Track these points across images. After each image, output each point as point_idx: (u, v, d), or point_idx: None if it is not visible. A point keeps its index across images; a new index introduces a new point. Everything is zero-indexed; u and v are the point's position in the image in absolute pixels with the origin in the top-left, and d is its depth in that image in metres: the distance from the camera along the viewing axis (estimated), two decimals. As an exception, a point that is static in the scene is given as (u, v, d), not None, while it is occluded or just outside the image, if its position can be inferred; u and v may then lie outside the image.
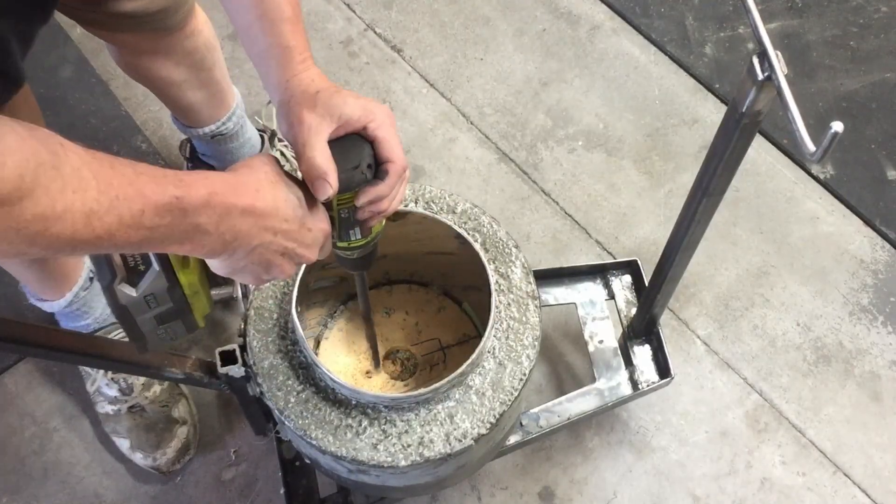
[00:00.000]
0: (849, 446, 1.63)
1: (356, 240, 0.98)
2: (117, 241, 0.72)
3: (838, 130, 0.75)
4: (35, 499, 1.57)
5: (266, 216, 0.83)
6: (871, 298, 1.78)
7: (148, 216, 0.73)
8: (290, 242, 0.87)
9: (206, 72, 1.51)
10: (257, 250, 0.85)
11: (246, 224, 0.82)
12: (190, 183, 0.77)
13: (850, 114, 1.98)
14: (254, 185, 0.83)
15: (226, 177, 0.82)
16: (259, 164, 0.86)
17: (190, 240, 0.79)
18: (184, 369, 1.19)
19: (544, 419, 1.44)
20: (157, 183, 0.74)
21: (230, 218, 0.80)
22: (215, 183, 0.80)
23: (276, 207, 0.84)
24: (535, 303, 1.25)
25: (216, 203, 0.78)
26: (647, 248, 1.81)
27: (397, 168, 0.92)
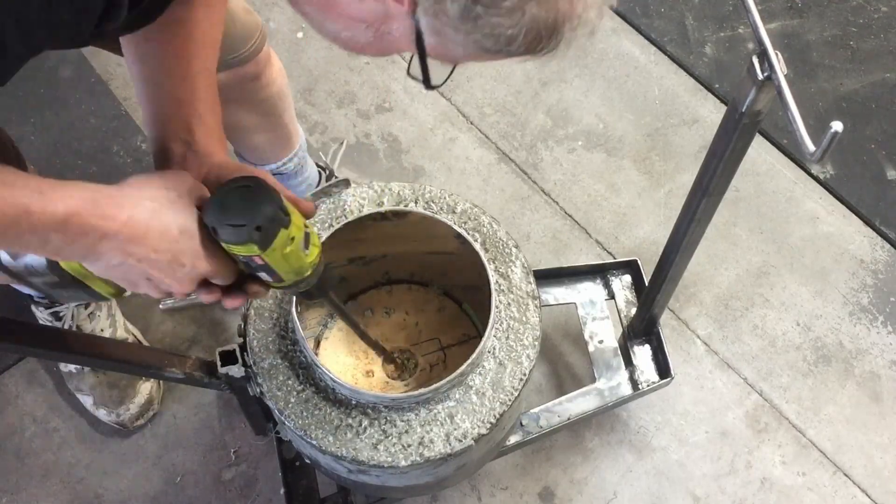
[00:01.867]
0: (849, 446, 1.63)
1: (274, 282, 0.91)
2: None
3: (838, 130, 0.75)
4: (35, 499, 1.57)
5: (131, 242, 0.79)
6: (871, 298, 1.78)
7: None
8: (156, 272, 0.82)
9: (276, 117, 1.50)
10: (117, 269, 0.81)
11: (105, 247, 0.78)
12: (50, 197, 0.73)
13: (850, 114, 1.98)
14: (130, 208, 0.78)
15: (97, 195, 0.77)
16: (154, 183, 0.82)
17: (42, 250, 0.77)
18: (184, 369, 1.19)
19: (544, 419, 1.44)
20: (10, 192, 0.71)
21: (85, 238, 0.76)
22: (80, 201, 0.75)
23: (145, 236, 0.79)
24: (535, 303, 1.25)
25: (73, 224, 0.75)
26: (647, 248, 1.81)
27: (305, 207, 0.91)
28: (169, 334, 1.71)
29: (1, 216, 0.71)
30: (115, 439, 1.62)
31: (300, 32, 2.07)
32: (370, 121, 1.96)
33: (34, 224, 0.73)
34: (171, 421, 1.64)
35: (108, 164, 1.88)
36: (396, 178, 1.90)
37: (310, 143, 1.88)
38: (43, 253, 0.79)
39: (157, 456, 1.61)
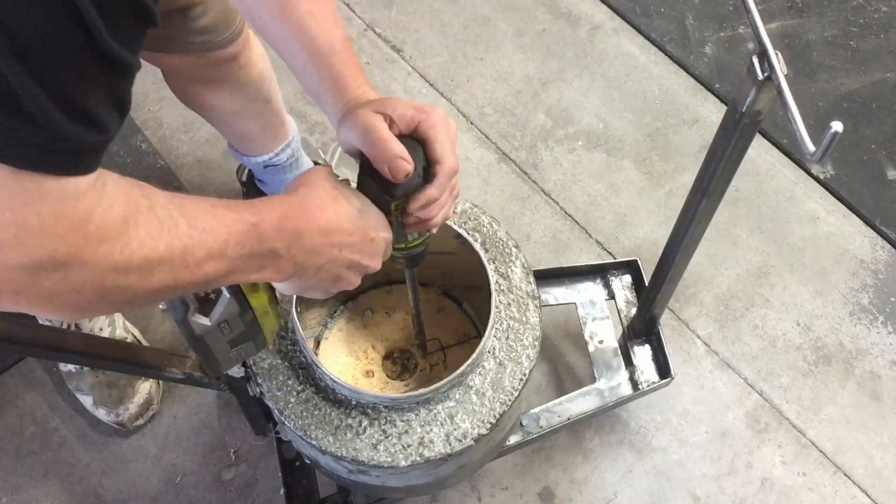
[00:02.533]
0: (849, 446, 1.63)
1: (412, 240, 0.98)
2: (207, 276, 0.73)
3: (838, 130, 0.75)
4: (35, 499, 1.57)
5: (331, 232, 0.85)
6: (872, 298, 1.78)
7: (231, 245, 0.74)
8: (356, 255, 0.88)
9: (261, 103, 1.51)
10: (325, 267, 0.86)
11: (314, 243, 0.83)
12: (261, 208, 0.79)
13: (850, 114, 1.98)
14: (316, 203, 0.84)
15: (290, 199, 0.84)
16: (316, 180, 0.87)
17: (266, 266, 0.80)
18: (184, 369, 1.19)
19: (544, 419, 1.44)
20: (233, 211, 0.76)
21: (300, 239, 0.82)
22: (283, 206, 0.81)
23: (339, 223, 0.85)
24: (535, 303, 1.25)
25: (287, 226, 0.80)
26: (647, 248, 1.81)
27: (445, 170, 0.90)
28: (169, 334, 1.71)
29: (237, 235, 0.75)
30: (114, 439, 1.62)
31: (300, 32, 2.07)
32: (370, 121, 1.96)
33: (262, 235, 0.77)
34: (170, 421, 1.64)
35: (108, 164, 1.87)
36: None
37: (310, 143, 1.88)
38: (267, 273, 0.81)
39: (157, 456, 1.61)
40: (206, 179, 1.88)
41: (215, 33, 1.33)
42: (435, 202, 0.92)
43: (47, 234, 0.59)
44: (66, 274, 0.61)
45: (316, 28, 0.94)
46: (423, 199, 0.91)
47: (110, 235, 0.63)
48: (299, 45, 0.95)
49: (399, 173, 0.87)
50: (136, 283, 0.67)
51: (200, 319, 0.90)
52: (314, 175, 0.88)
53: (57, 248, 0.60)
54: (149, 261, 0.66)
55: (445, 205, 0.94)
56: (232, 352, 0.96)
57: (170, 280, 0.70)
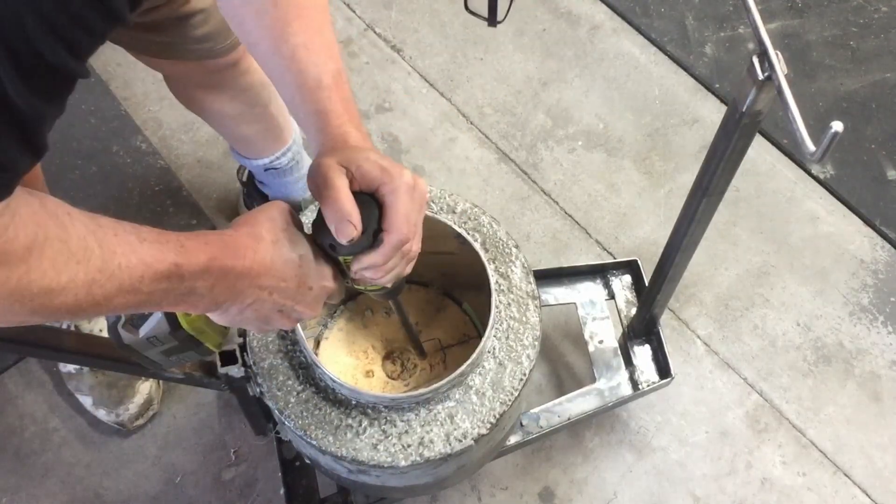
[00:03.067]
0: (849, 446, 1.63)
1: (374, 286, 0.97)
2: (114, 306, 0.73)
3: (838, 130, 0.75)
4: (35, 499, 1.57)
5: (261, 276, 0.83)
6: (872, 298, 1.78)
7: (146, 282, 0.74)
8: (288, 300, 0.87)
9: (262, 107, 1.50)
10: (251, 307, 0.86)
11: (241, 285, 0.82)
12: (190, 249, 0.77)
13: (850, 114, 1.98)
14: (252, 245, 0.83)
15: (225, 238, 0.82)
16: (262, 220, 0.86)
17: (183, 301, 0.80)
18: (184, 369, 1.19)
19: (544, 419, 1.44)
20: (158, 250, 0.75)
21: (225, 280, 0.81)
22: (214, 248, 0.80)
23: (272, 268, 0.84)
24: (535, 303, 1.25)
25: (214, 268, 0.79)
26: (647, 248, 1.81)
27: (392, 240, 0.88)
28: (169, 334, 1.71)
29: (156, 273, 0.74)
30: (114, 439, 1.62)
31: (300, 32, 2.07)
32: (370, 121, 1.96)
33: (183, 275, 0.76)
34: (170, 421, 1.64)
35: (108, 164, 1.88)
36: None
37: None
38: (184, 307, 0.81)
39: (157, 456, 1.61)
40: (206, 179, 1.88)
41: (216, 41, 1.33)
42: (378, 267, 0.90)
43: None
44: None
45: (306, 61, 0.92)
46: (365, 263, 0.89)
47: (10, 262, 0.63)
48: (289, 76, 0.93)
49: (344, 236, 0.85)
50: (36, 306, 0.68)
51: (128, 332, 0.91)
52: (262, 214, 0.87)
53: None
54: (50, 291, 0.67)
55: (393, 269, 0.92)
56: (171, 359, 0.96)
57: (72, 306, 0.70)
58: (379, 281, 0.93)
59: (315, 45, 0.94)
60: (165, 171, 1.87)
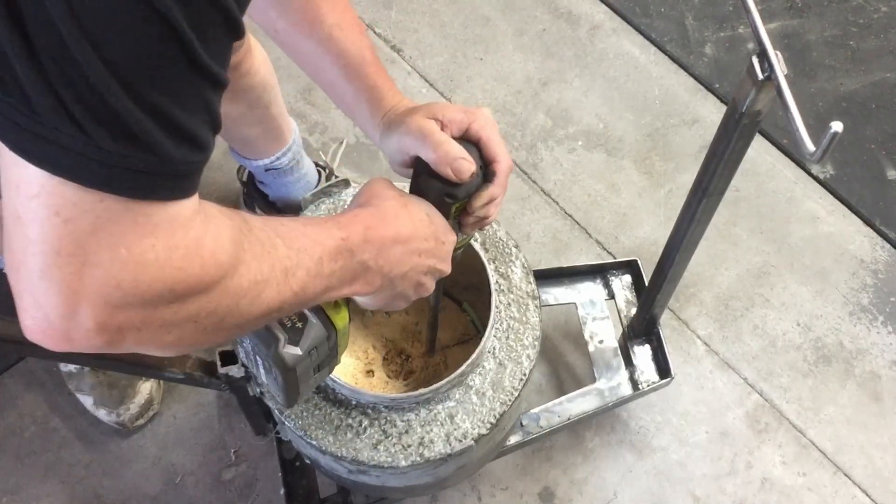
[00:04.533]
0: (849, 446, 1.63)
1: (461, 240, 0.99)
2: (308, 294, 0.74)
3: (838, 130, 0.75)
4: (35, 499, 1.57)
5: (410, 240, 0.86)
6: (872, 298, 1.78)
7: (325, 263, 0.75)
8: (432, 259, 0.89)
9: (263, 109, 1.50)
10: (408, 275, 0.87)
11: (397, 252, 0.84)
12: (346, 223, 0.79)
13: (850, 114, 1.98)
14: (392, 212, 0.85)
15: (368, 211, 0.84)
16: (383, 191, 0.88)
17: (357, 279, 0.81)
18: (184, 369, 1.19)
19: (544, 419, 1.44)
20: (323, 230, 0.77)
21: (385, 249, 0.83)
22: (366, 219, 0.82)
23: (415, 230, 0.86)
24: (535, 303, 1.25)
25: (372, 238, 0.81)
26: (647, 248, 1.81)
27: (503, 167, 0.91)
28: (169, 334, 1.70)
29: (330, 252, 0.76)
30: (115, 439, 1.62)
31: (300, 32, 2.07)
32: (370, 121, 1.96)
33: (351, 249, 0.78)
34: (171, 421, 1.64)
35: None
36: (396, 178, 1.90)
37: (310, 143, 1.88)
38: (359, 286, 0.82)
39: (157, 456, 1.61)
40: (207, 179, 1.87)
41: None
42: (495, 200, 0.93)
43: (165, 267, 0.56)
44: (184, 304, 0.59)
45: (345, 41, 0.93)
46: (486, 198, 0.92)
47: (224, 261, 0.61)
48: (329, 59, 0.94)
49: (464, 174, 0.87)
50: (247, 307, 0.65)
51: (292, 350, 0.87)
52: (379, 186, 0.89)
53: (177, 281, 0.58)
54: (257, 283, 0.65)
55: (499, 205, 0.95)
56: (312, 378, 0.93)
57: (276, 302, 0.69)
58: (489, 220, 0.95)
59: (347, 23, 0.95)
60: (165, 171, 1.87)
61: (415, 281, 0.89)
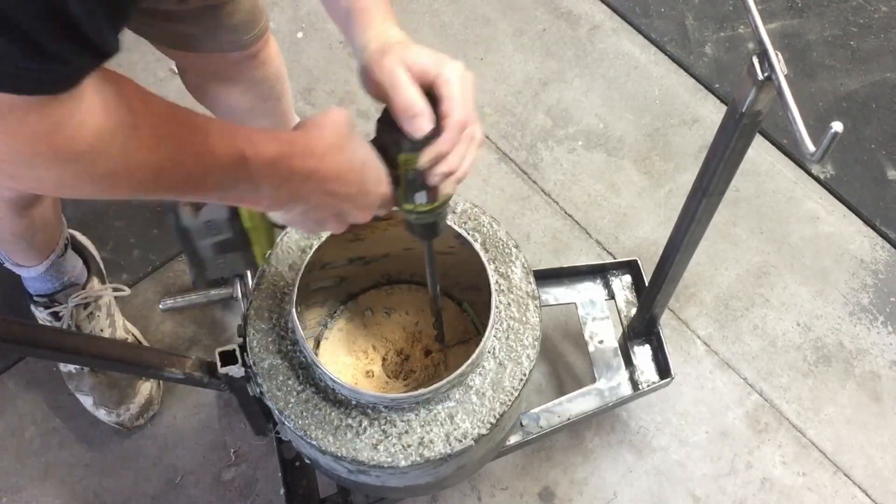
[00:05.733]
0: (849, 446, 1.63)
1: (421, 204, 0.96)
2: (180, 193, 0.76)
3: (838, 130, 0.75)
4: (35, 499, 1.57)
5: (327, 180, 0.84)
6: (872, 298, 1.78)
7: (213, 174, 0.75)
8: (347, 204, 0.88)
9: (273, 101, 1.50)
10: (312, 209, 0.87)
11: (306, 187, 0.83)
12: (258, 142, 0.78)
13: (850, 114, 1.98)
14: (321, 148, 0.84)
15: (294, 138, 0.83)
16: (327, 123, 0.86)
17: (247, 198, 0.81)
18: (184, 369, 1.19)
19: (544, 419, 1.44)
20: (227, 142, 0.75)
21: (292, 181, 0.82)
22: (283, 145, 0.81)
23: (339, 172, 0.85)
24: (535, 303, 1.25)
25: (281, 166, 0.80)
26: (647, 248, 1.81)
27: (453, 123, 0.87)
28: (169, 334, 1.71)
29: (223, 166, 0.75)
30: (115, 439, 1.62)
31: (300, 32, 2.07)
32: (370, 121, 1.95)
33: (249, 170, 0.77)
34: (171, 421, 1.64)
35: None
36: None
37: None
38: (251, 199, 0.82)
39: (157, 456, 1.61)
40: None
41: (243, 32, 1.33)
42: (444, 156, 0.89)
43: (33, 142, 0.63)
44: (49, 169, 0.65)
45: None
46: (431, 153, 0.88)
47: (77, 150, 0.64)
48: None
49: (418, 131, 0.86)
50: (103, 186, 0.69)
51: (188, 213, 0.90)
52: (328, 118, 0.87)
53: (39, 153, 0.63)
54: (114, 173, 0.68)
55: (463, 158, 0.91)
56: (219, 258, 0.95)
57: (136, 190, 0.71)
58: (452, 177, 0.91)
59: None
60: (165, 171, 1.87)
61: (319, 217, 0.89)
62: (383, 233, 1.29)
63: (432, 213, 0.98)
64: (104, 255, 1.71)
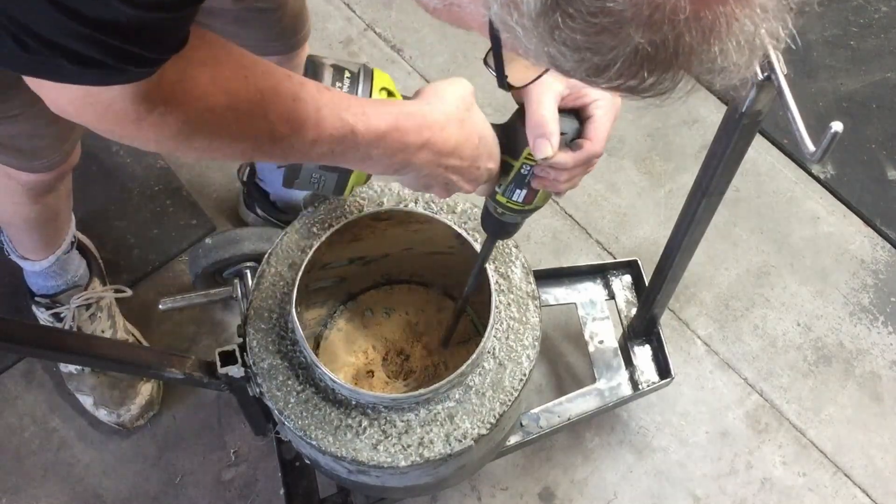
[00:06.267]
0: (849, 447, 1.63)
1: (516, 202, 0.98)
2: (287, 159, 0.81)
3: (838, 130, 0.75)
4: (35, 499, 1.57)
5: (443, 154, 0.86)
6: (872, 298, 1.78)
7: (321, 145, 0.78)
8: (456, 176, 0.90)
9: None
10: (424, 178, 0.88)
11: (420, 157, 0.85)
12: (371, 115, 0.80)
13: (850, 114, 1.98)
14: (442, 121, 0.85)
15: (412, 109, 0.84)
16: (451, 95, 0.87)
17: (358, 165, 0.84)
18: (183, 369, 1.19)
19: (544, 419, 1.44)
20: (336, 115, 0.77)
21: (404, 152, 0.83)
22: (399, 117, 0.82)
23: (456, 147, 0.86)
24: (535, 303, 1.25)
25: (392, 139, 0.81)
26: (647, 248, 1.80)
27: (590, 147, 0.90)
28: (169, 334, 1.71)
29: (331, 138, 0.78)
30: (115, 439, 1.62)
31: (300, 32, 2.07)
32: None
33: (358, 142, 0.79)
34: (171, 421, 1.64)
35: (109, 164, 1.87)
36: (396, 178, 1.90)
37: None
38: (361, 166, 0.85)
39: (157, 456, 1.61)
40: (206, 179, 1.88)
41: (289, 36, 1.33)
42: (562, 169, 0.91)
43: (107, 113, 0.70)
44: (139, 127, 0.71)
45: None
46: (553, 161, 0.90)
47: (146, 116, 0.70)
48: None
49: (538, 152, 0.87)
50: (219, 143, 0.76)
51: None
52: (452, 88, 0.88)
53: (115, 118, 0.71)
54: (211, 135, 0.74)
55: (571, 179, 0.94)
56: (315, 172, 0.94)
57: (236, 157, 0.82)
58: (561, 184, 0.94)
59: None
60: (165, 171, 1.87)
61: (427, 183, 0.90)
62: (383, 233, 1.29)
63: (519, 214, 1.01)
64: (104, 255, 1.71)
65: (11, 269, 1.57)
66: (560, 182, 0.93)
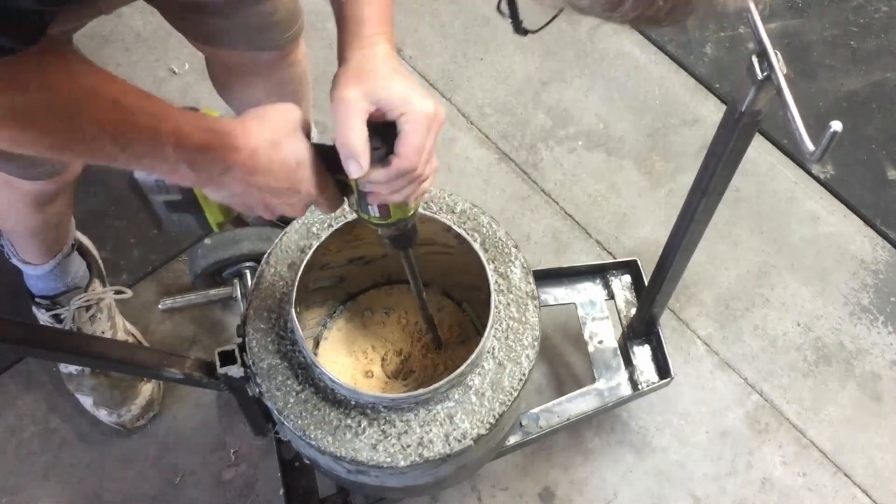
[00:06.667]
0: (849, 447, 1.63)
1: (374, 217, 0.98)
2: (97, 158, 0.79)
3: (837, 130, 0.75)
4: (35, 499, 1.57)
5: (254, 174, 0.85)
6: (872, 298, 1.78)
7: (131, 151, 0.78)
8: (275, 199, 0.90)
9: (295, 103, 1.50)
10: (239, 196, 0.88)
11: (228, 178, 0.85)
12: (184, 130, 0.80)
13: (850, 114, 1.98)
14: (254, 142, 0.84)
15: (226, 129, 0.83)
16: (274, 118, 0.87)
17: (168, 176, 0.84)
18: (183, 369, 1.19)
19: (544, 419, 1.44)
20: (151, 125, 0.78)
21: (209, 171, 0.83)
22: (212, 135, 0.82)
23: (268, 169, 0.86)
24: (534, 303, 1.25)
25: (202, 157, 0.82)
26: (647, 248, 1.80)
27: (398, 163, 0.88)
28: (169, 334, 1.71)
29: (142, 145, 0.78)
30: (115, 440, 1.62)
31: (300, 32, 2.07)
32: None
33: (167, 155, 0.80)
34: (171, 421, 1.64)
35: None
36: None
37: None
38: (171, 177, 0.86)
39: (157, 456, 1.61)
40: (206, 179, 1.88)
41: (282, 31, 1.33)
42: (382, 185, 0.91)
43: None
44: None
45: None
46: (369, 178, 0.90)
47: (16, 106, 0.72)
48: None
49: (350, 173, 0.87)
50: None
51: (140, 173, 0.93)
52: (277, 112, 0.88)
53: None
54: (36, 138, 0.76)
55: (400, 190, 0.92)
56: (173, 215, 0.97)
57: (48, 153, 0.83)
58: (388, 197, 0.93)
59: None
60: (165, 172, 1.87)
61: (246, 203, 0.90)
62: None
63: (390, 227, 1.00)
64: (104, 255, 1.71)
65: (11, 270, 1.57)
66: (387, 195, 0.93)
